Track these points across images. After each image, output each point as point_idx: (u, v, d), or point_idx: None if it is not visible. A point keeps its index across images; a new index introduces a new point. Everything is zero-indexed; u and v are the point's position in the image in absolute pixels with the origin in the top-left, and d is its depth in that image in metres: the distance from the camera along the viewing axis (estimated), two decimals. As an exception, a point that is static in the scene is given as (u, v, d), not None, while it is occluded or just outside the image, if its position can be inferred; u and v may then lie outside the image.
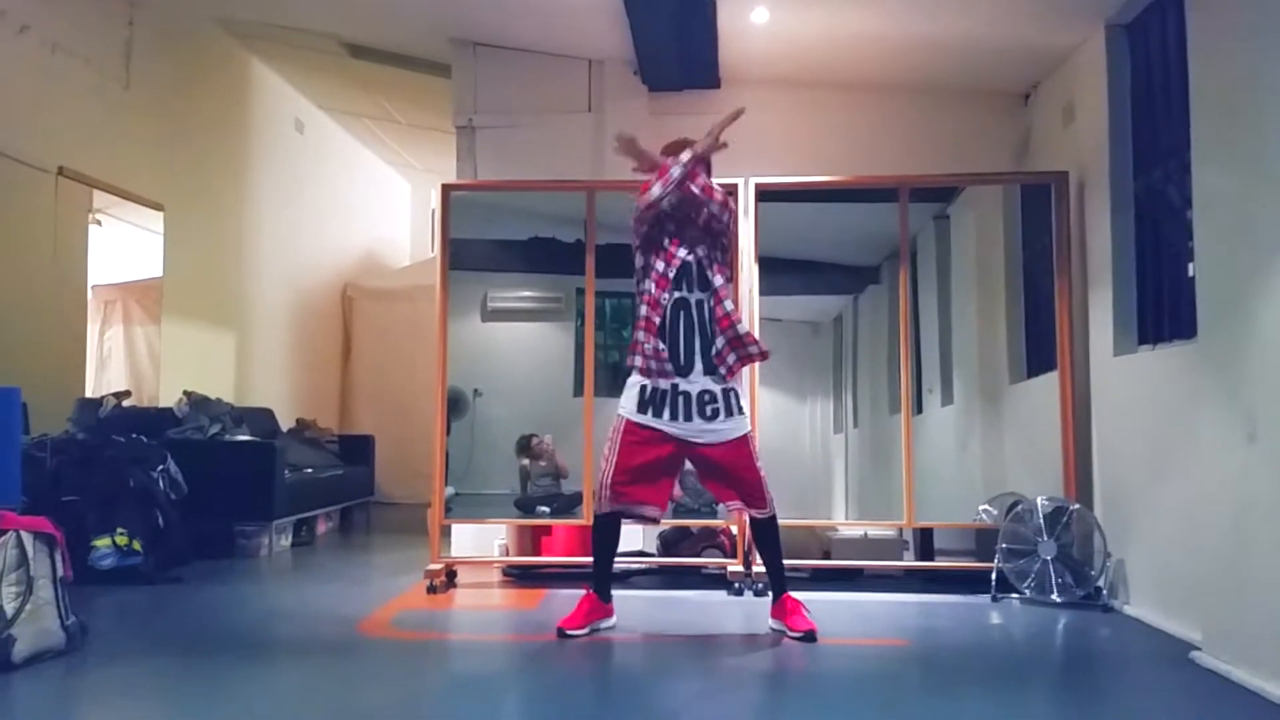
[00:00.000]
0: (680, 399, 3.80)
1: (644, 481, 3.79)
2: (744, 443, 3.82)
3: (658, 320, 3.82)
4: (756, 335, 3.97)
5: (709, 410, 3.78)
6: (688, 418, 3.78)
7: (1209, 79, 3.43)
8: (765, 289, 5.11)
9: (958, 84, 5.60)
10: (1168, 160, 4.12)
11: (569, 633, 3.77)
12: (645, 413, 3.80)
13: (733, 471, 3.81)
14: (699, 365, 3.81)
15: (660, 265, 3.86)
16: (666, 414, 3.79)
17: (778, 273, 5.45)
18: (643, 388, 3.82)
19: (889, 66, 5.46)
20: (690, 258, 3.86)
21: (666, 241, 3.89)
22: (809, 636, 3.72)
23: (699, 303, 3.85)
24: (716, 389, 3.80)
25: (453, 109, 5.87)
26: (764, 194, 5.10)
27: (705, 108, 5.78)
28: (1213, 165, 3.40)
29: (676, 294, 3.84)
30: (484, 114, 5.82)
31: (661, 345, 3.80)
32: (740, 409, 3.84)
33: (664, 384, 3.80)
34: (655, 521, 4.02)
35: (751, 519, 3.92)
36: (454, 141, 5.92)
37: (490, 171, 5.71)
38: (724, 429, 3.79)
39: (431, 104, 7.29)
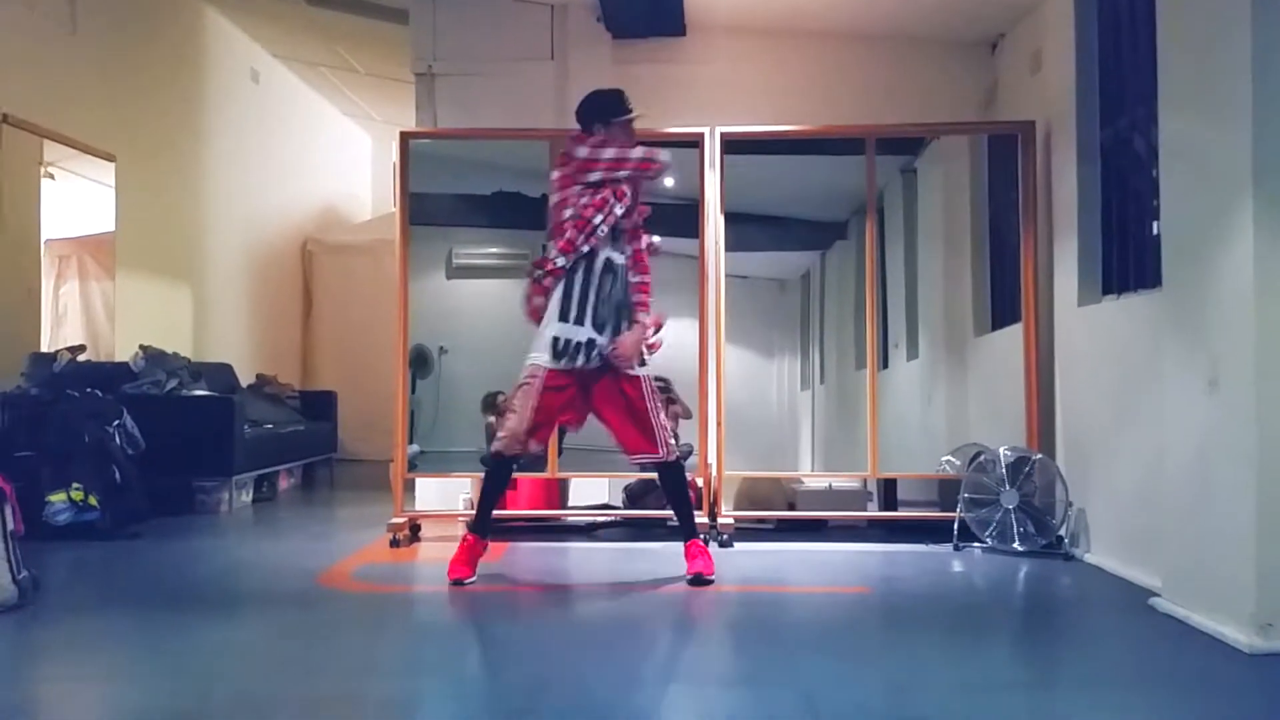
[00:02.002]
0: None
1: (545, 429, 3.94)
2: (639, 381, 3.87)
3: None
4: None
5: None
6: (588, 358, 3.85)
7: (1176, 28, 3.40)
8: (732, 244, 5.07)
9: (925, 33, 5.55)
10: (1134, 109, 4.11)
11: (464, 581, 3.81)
12: (556, 360, 3.85)
13: (629, 407, 3.85)
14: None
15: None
16: (566, 360, 3.84)
17: (745, 228, 5.41)
18: (555, 339, 3.86)
19: (856, 14, 5.40)
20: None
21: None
22: (696, 579, 3.79)
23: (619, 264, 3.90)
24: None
25: (411, 55, 5.74)
26: (730, 144, 5.04)
27: (670, 56, 5.71)
28: (1179, 114, 3.37)
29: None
30: (444, 61, 5.70)
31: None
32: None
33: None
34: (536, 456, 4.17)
35: (656, 467, 3.96)
36: (414, 92, 5.79)
37: (451, 121, 5.60)
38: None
39: (390, 52, 7.14)
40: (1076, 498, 4.39)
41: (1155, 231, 3.78)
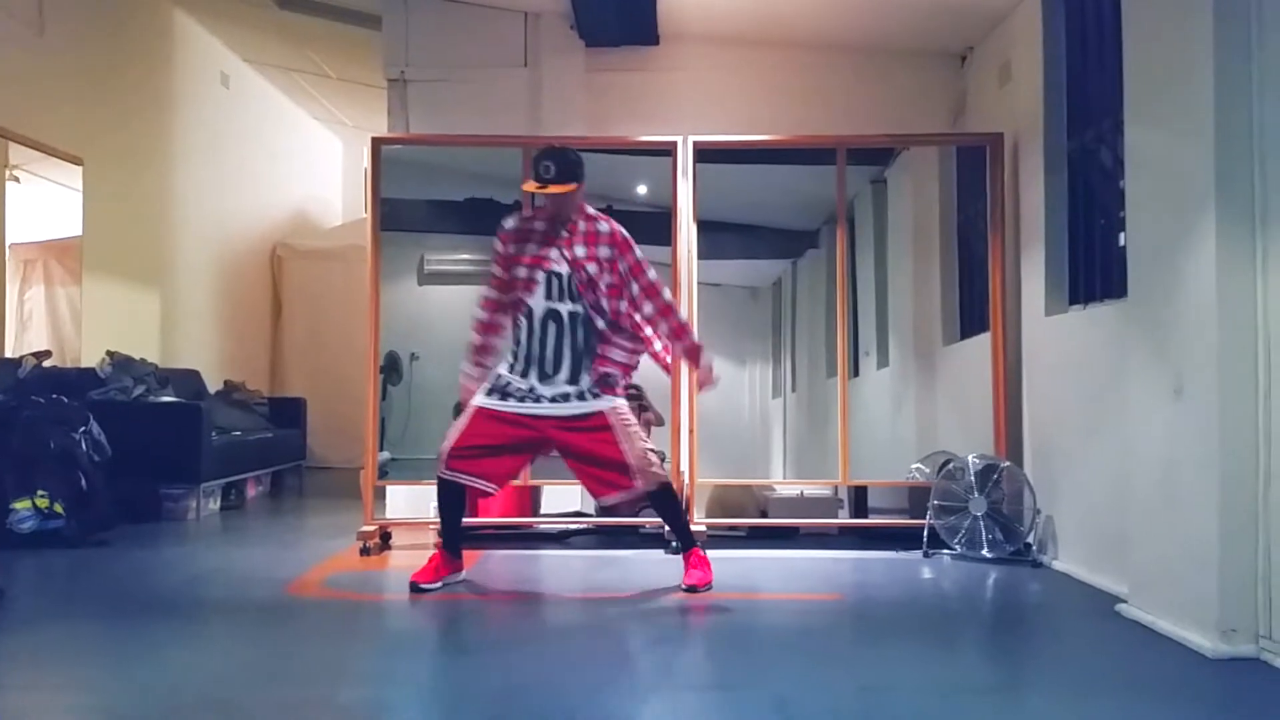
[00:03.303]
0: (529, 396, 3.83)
1: (481, 457, 3.80)
2: (600, 419, 3.80)
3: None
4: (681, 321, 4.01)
5: (559, 396, 3.81)
6: (536, 401, 3.81)
7: (1141, 42, 3.46)
8: (704, 252, 5.09)
9: (896, 44, 5.61)
10: (1101, 121, 4.17)
11: (422, 586, 3.82)
12: (492, 397, 3.84)
13: (593, 453, 3.80)
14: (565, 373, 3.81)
15: (523, 271, 3.84)
16: (513, 400, 3.82)
17: (717, 235, 5.43)
18: (497, 376, 3.88)
19: (828, 24, 5.45)
20: (563, 269, 3.82)
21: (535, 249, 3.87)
22: (690, 589, 3.82)
23: (571, 314, 3.81)
24: (571, 390, 3.81)
25: (383, 61, 5.73)
26: (702, 153, 5.06)
27: (643, 64, 5.74)
28: (1144, 126, 3.43)
29: (547, 303, 3.83)
30: (416, 66, 5.69)
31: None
32: (595, 394, 3.82)
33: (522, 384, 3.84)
34: (489, 494, 4.00)
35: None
36: (386, 98, 5.78)
37: (423, 127, 5.59)
38: (571, 406, 3.80)
39: (362, 57, 7.12)
40: (1044, 505, 4.44)
41: (1121, 242, 3.84)
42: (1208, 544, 2.98)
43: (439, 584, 3.87)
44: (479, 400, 3.86)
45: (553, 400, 3.80)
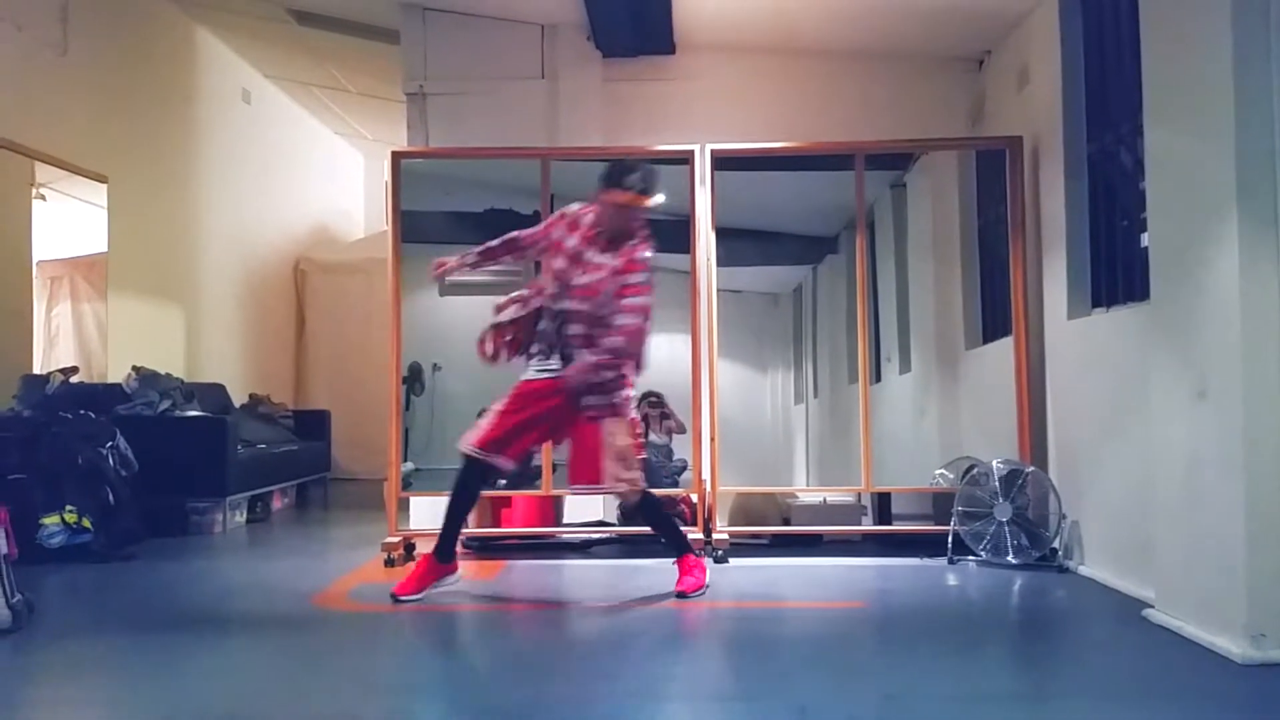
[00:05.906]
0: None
1: (514, 436, 3.83)
2: (597, 425, 3.81)
3: None
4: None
5: None
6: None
7: (1160, 44, 3.44)
8: (724, 259, 5.09)
9: (913, 49, 5.60)
10: (1120, 124, 4.14)
11: (402, 598, 3.80)
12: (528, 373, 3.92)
13: (584, 440, 3.84)
14: None
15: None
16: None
17: (736, 243, 5.43)
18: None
19: (845, 31, 5.44)
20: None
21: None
22: (681, 595, 3.87)
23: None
24: None
25: (402, 76, 5.77)
26: (720, 161, 5.06)
27: (660, 74, 5.76)
28: (1164, 127, 3.41)
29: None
30: (435, 80, 5.73)
31: None
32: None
33: None
34: (503, 475, 4.03)
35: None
36: (405, 112, 5.83)
37: (443, 140, 5.63)
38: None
39: (382, 72, 7.16)
40: (1069, 510, 4.41)
41: (1143, 244, 3.81)
42: (1234, 547, 2.95)
43: (421, 595, 3.84)
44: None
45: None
